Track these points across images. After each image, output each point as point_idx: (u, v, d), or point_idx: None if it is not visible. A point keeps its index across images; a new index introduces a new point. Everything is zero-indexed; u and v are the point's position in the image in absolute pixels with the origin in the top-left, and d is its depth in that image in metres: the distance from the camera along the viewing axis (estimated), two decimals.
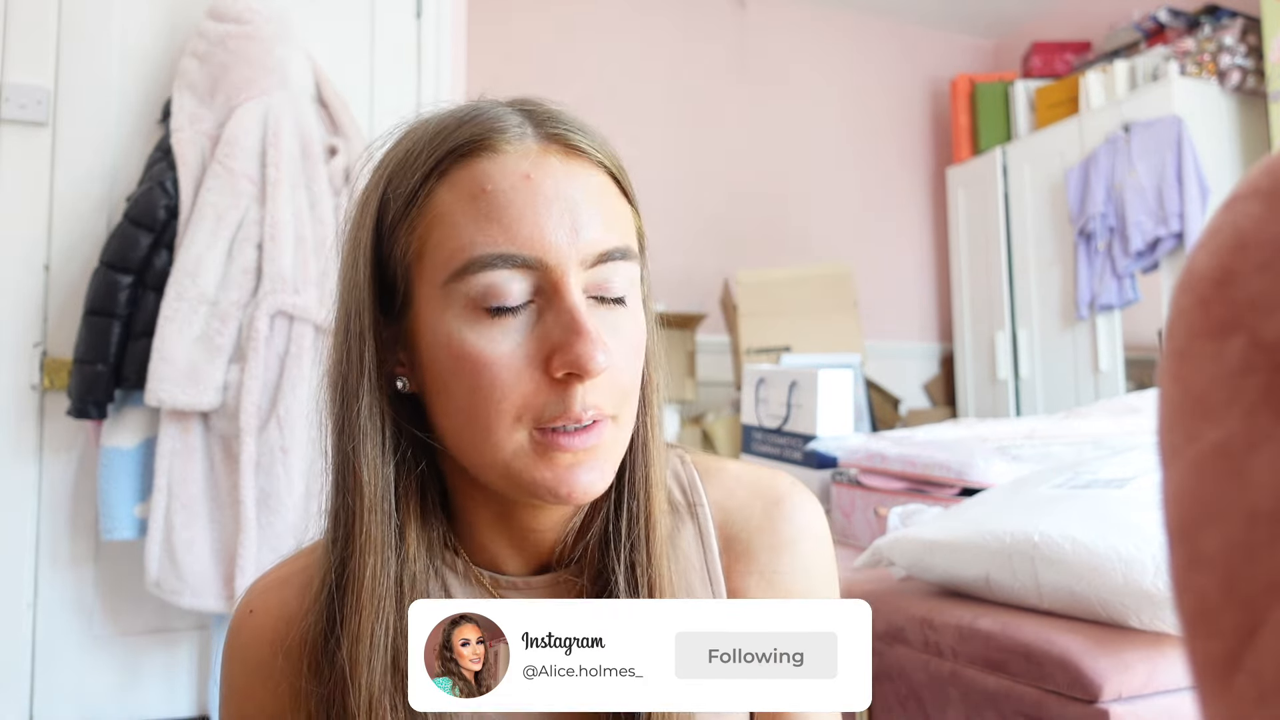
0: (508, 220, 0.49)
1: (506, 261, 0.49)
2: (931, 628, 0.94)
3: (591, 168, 0.52)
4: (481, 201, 0.50)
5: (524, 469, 0.50)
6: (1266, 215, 0.20)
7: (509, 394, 0.49)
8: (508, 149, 0.51)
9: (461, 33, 2.43)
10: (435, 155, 0.51)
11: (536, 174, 0.50)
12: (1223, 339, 0.20)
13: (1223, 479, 0.19)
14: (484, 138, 0.51)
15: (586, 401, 0.50)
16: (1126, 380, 3.21)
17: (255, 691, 0.56)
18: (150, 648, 1.96)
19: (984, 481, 1.23)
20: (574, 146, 0.52)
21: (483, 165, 0.50)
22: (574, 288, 0.50)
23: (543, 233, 0.49)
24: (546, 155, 0.51)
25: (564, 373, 0.49)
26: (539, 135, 0.52)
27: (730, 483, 0.61)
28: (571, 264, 0.49)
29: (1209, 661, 0.19)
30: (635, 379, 0.53)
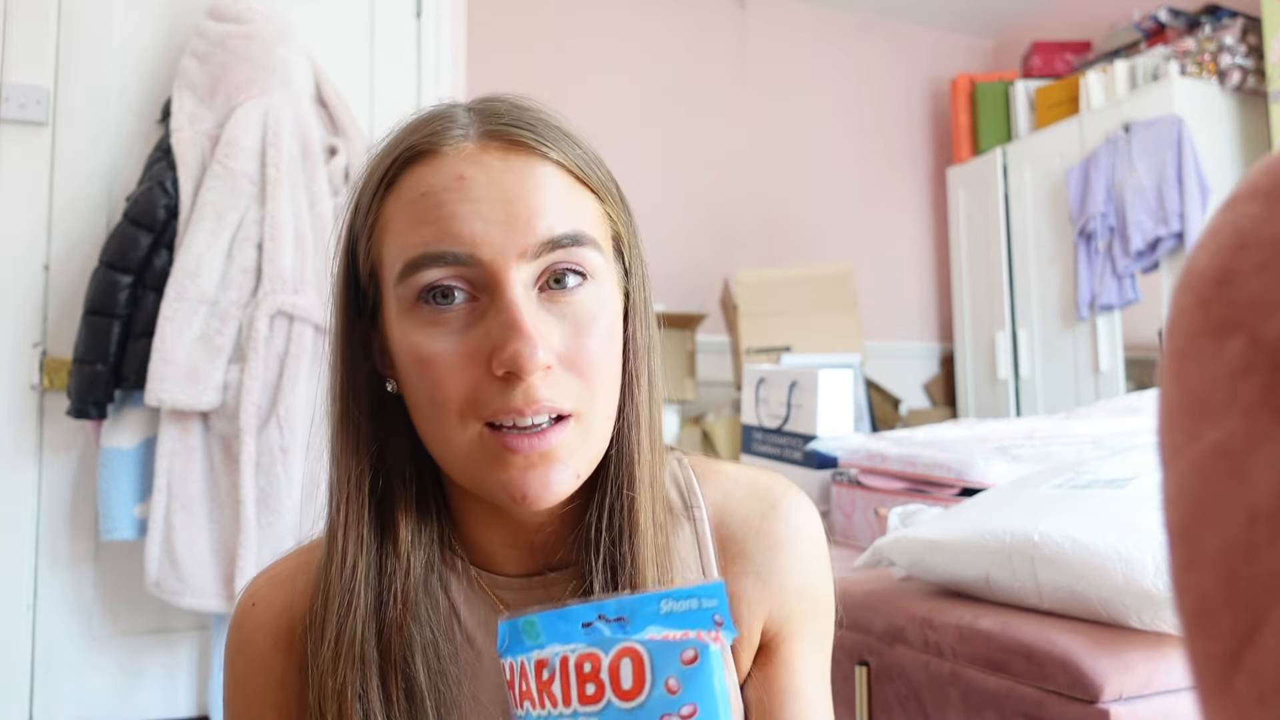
0: (440, 220, 0.49)
1: (439, 260, 0.49)
2: (931, 628, 0.94)
3: (537, 161, 0.52)
4: (419, 205, 0.50)
5: (478, 469, 0.50)
6: (1266, 215, 0.20)
7: (454, 390, 0.49)
8: (446, 151, 0.51)
9: (461, 33, 2.43)
10: (384, 166, 0.53)
11: (471, 172, 0.50)
12: (1223, 339, 0.20)
13: (1223, 479, 0.19)
14: (424, 143, 0.52)
15: (533, 396, 0.48)
16: (1126, 380, 3.21)
17: (258, 683, 0.57)
18: (150, 648, 1.96)
19: (984, 481, 1.23)
20: (516, 142, 0.51)
21: (422, 171, 0.51)
22: (513, 282, 0.49)
23: (472, 229, 0.49)
24: (484, 153, 0.51)
25: (503, 371, 0.48)
26: (480, 134, 0.52)
27: (727, 485, 0.61)
28: (509, 257, 0.49)
29: (1209, 661, 0.19)
30: (603, 369, 0.52)
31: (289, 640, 0.56)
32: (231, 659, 0.58)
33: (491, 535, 0.57)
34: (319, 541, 0.59)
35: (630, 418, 0.55)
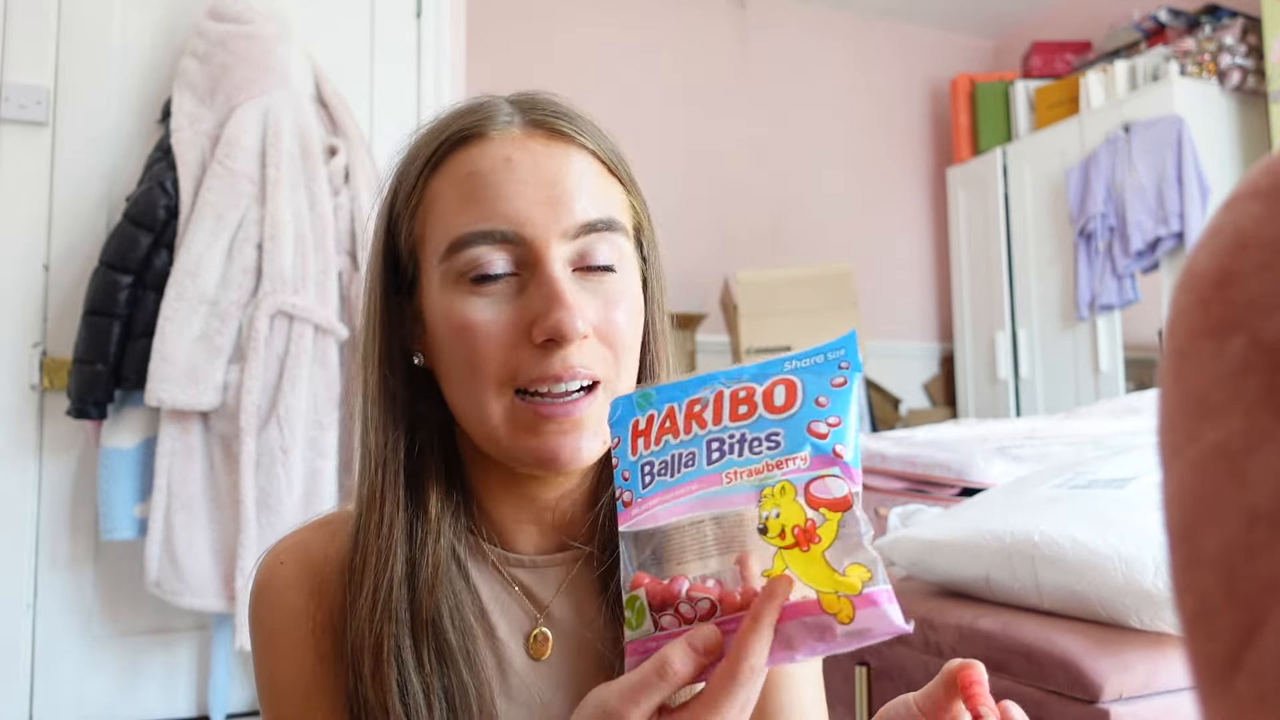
0: (488, 199, 0.53)
1: (487, 238, 0.53)
2: (931, 628, 0.94)
3: (575, 150, 0.56)
4: (467, 185, 0.54)
5: (511, 435, 0.54)
6: (1266, 215, 0.20)
7: (493, 358, 0.53)
8: (494, 135, 0.55)
9: (461, 33, 2.43)
10: (431, 147, 0.56)
11: (517, 156, 0.54)
12: (1223, 339, 0.20)
13: (1223, 479, 0.19)
14: (473, 127, 0.55)
15: (570, 362, 0.53)
16: (1126, 380, 3.21)
17: (295, 633, 0.58)
18: (150, 648, 1.96)
19: (984, 481, 1.23)
20: (558, 131, 0.56)
21: (470, 153, 0.55)
22: (555, 259, 0.53)
23: (518, 208, 0.53)
24: (530, 140, 0.55)
25: (544, 339, 0.52)
26: (524, 122, 0.56)
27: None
28: (552, 236, 0.53)
29: (1209, 662, 0.19)
30: (630, 344, 0.57)
31: (320, 595, 0.58)
32: (262, 615, 0.59)
33: (506, 510, 0.60)
34: (337, 514, 0.63)
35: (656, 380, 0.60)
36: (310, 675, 0.57)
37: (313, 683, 0.57)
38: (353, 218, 1.92)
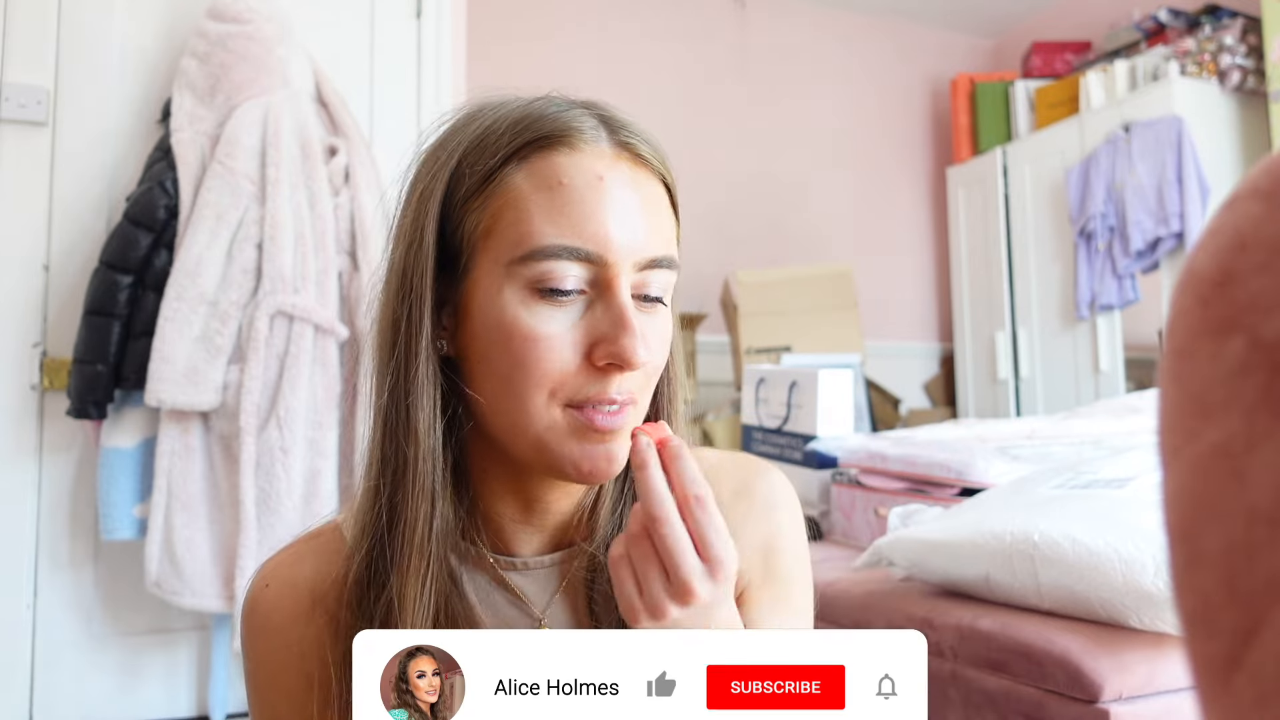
0: (579, 216, 0.53)
1: (571, 254, 0.53)
2: (931, 628, 0.94)
3: (653, 178, 0.57)
4: (557, 194, 0.53)
5: (555, 442, 0.54)
6: (1266, 215, 0.20)
7: (550, 372, 0.53)
8: (585, 148, 0.55)
9: (461, 33, 2.43)
10: (516, 141, 0.55)
11: (609, 176, 0.54)
12: (1223, 339, 0.20)
13: (1222, 479, 0.19)
14: (564, 133, 0.55)
15: (625, 388, 0.54)
16: (1127, 380, 3.21)
17: (280, 657, 0.58)
18: (150, 648, 1.96)
19: (984, 481, 1.23)
20: (641, 157, 0.56)
21: (560, 159, 0.54)
22: (625, 286, 0.54)
23: (608, 232, 0.53)
24: (619, 160, 0.55)
25: (606, 362, 0.53)
26: (612, 140, 0.56)
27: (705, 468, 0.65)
28: (626, 264, 0.54)
29: (1209, 661, 0.19)
30: (658, 373, 0.58)
31: (309, 614, 0.57)
32: (251, 641, 0.59)
33: (507, 510, 0.60)
34: (326, 527, 0.61)
35: (670, 413, 0.62)
36: (298, 701, 0.57)
37: (301, 709, 0.57)
38: (353, 218, 1.92)
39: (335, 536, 0.60)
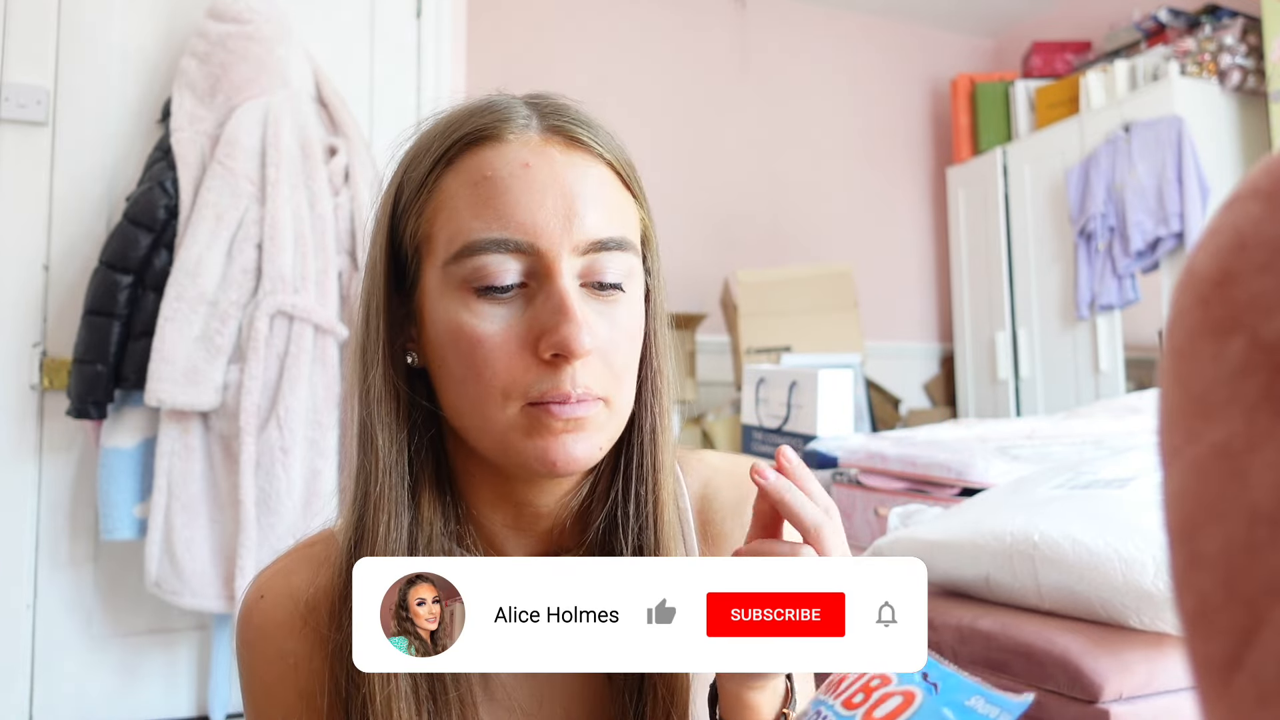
0: (503, 206, 0.52)
1: (499, 246, 0.51)
2: (931, 628, 0.94)
3: (592, 160, 0.55)
4: (482, 188, 0.52)
5: (516, 441, 0.53)
6: (1266, 215, 0.20)
7: (499, 371, 0.52)
8: (510, 138, 0.53)
9: (461, 33, 2.44)
10: (445, 144, 0.55)
11: (535, 162, 0.52)
12: (1223, 339, 0.20)
13: (1223, 479, 0.19)
14: (489, 128, 0.54)
15: (577, 380, 0.52)
16: (1127, 380, 3.21)
17: (275, 669, 0.58)
18: (150, 648, 1.96)
19: (984, 481, 1.22)
20: (576, 139, 0.54)
21: (486, 154, 0.53)
22: (564, 273, 0.52)
23: (535, 219, 0.51)
24: (547, 146, 0.53)
25: (551, 354, 0.51)
26: (542, 127, 0.54)
27: (708, 471, 0.64)
28: (563, 250, 0.52)
29: (1209, 662, 0.19)
30: (628, 365, 0.56)
31: (301, 625, 0.57)
32: (244, 652, 0.59)
33: (495, 514, 0.59)
34: (319, 536, 0.61)
35: (655, 410, 0.59)
36: (294, 713, 0.57)
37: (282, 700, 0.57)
38: (353, 218, 1.92)
39: (329, 545, 0.59)
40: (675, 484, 0.62)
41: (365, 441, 0.56)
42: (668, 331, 0.61)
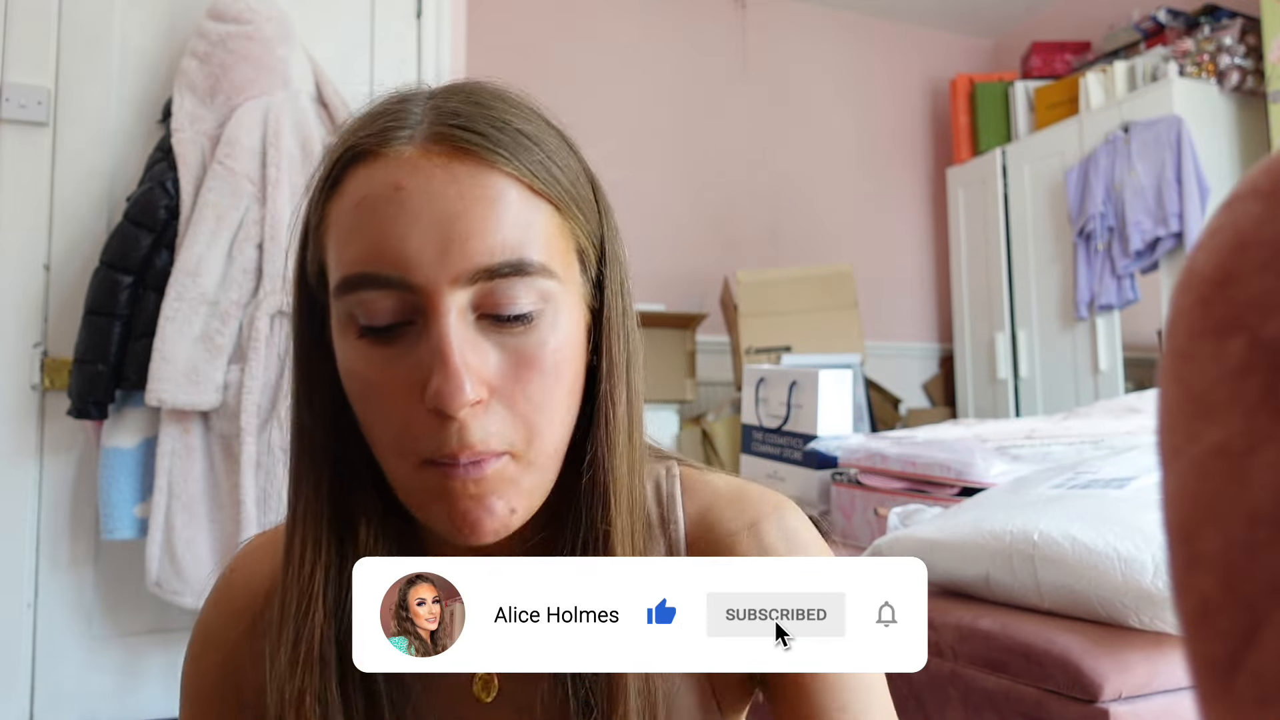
0: (375, 236, 0.45)
1: (370, 282, 0.45)
2: (931, 628, 0.94)
3: (485, 172, 0.46)
4: (355, 214, 0.46)
5: (422, 507, 0.48)
6: (1266, 215, 0.20)
7: (389, 423, 0.47)
8: (387, 153, 0.46)
9: (461, 33, 2.44)
10: (329, 163, 0.49)
11: (409, 182, 0.45)
12: (1223, 339, 0.20)
13: (1223, 479, 0.19)
14: (365, 144, 0.47)
15: (467, 438, 0.45)
16: (1126, 380, 3.21)
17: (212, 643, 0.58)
18: (150, 648, 1.96)
19: (984, 481, 1.23)
20: (463, 148, 0.46)
21: (363, 173, 0.47)
22: (446, 311, 0.45)
23: (405, 250, 0.44)
24: (427, 159, 0.46)
25: (431, 406, 0.45)
26: (426, 136, 0.47)
27: (709, 497, 0.57)
28: (441, 283, 0.45)
29: (1209, 662, 0.19)
30: (545, 405, 0.48)
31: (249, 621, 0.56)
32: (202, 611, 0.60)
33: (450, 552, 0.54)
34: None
35: (605, 444, 0.51)
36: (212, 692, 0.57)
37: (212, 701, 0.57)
38: None
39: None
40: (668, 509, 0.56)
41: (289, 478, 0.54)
42: (635, 343, 0.53)
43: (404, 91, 0.52)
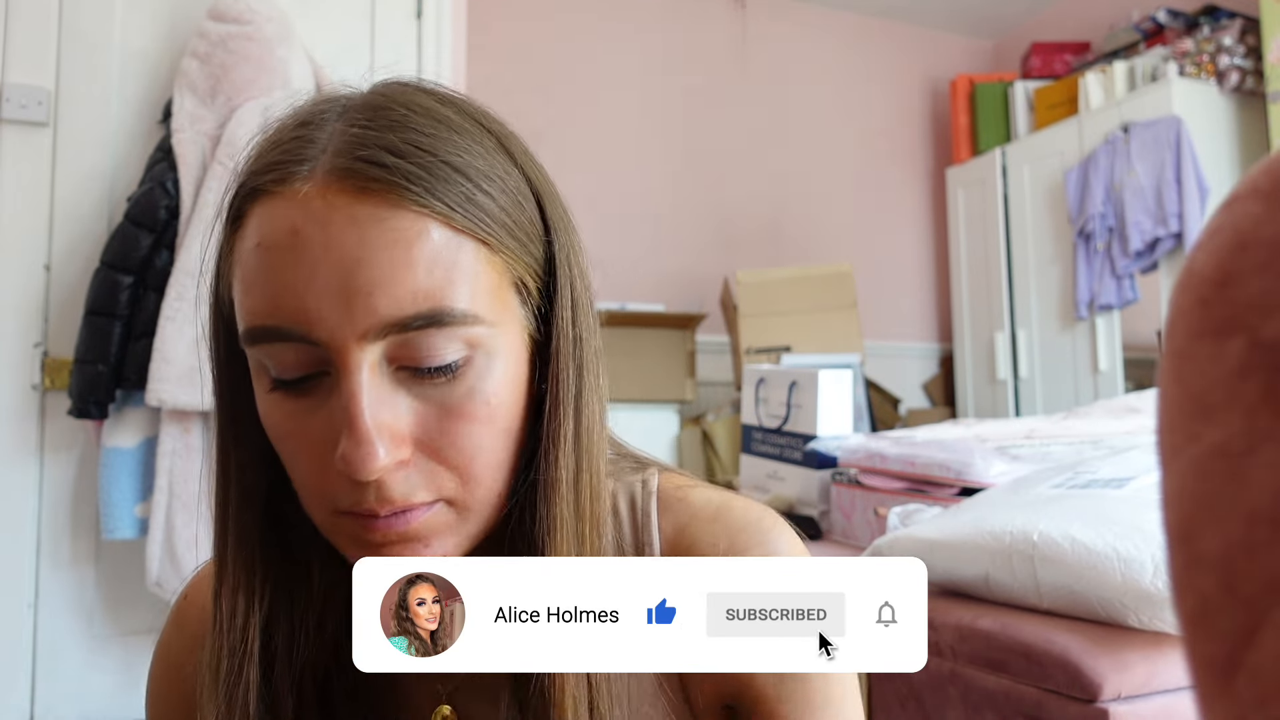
0: (274, 287, 0.41)
1: (274, 335, 0.41)
2: (931, 628, 0.94)
3: (393, 212, 0.40)
4: (254, 259, 0.42)
5: (344, 548, 0.45)
6: (1266, 215, 0.20)
7: (305, 478, 0.44)
8: (283, 191, 0.41)
9: (461, 33, 2.44)
10: (230, 198, 0.45)
11: (306, 227, 0.40)
12: (1223, 339, 0.20)
13: (1223, 479, 0.19)
14: (262, 179, 0.42)
15: (386, 496, 0.42)
16: (1126, 380, 3.21)
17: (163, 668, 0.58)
18: (150, 648, 1.96)
19: (984, 481, 1.23)
20: (369, 187, 0.40)
21: (261, 212, 0.42)
22: (355, 368, 0.40)
23: (305, 305, 0.40)
24: (326, 197, 0.40)
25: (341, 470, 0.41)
26: (329, 170, 0.41)
27: (687, 518, 0.53)
28: (348, 340, 0.40)
29: (1209, 662, 0.19)
30: (480, 450, 0.44)
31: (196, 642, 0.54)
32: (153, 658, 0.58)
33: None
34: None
35: (543, 488, 0.46)
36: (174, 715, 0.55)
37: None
38: None
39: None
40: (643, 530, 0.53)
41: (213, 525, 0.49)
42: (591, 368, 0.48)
43: (315, 106, 0.45)
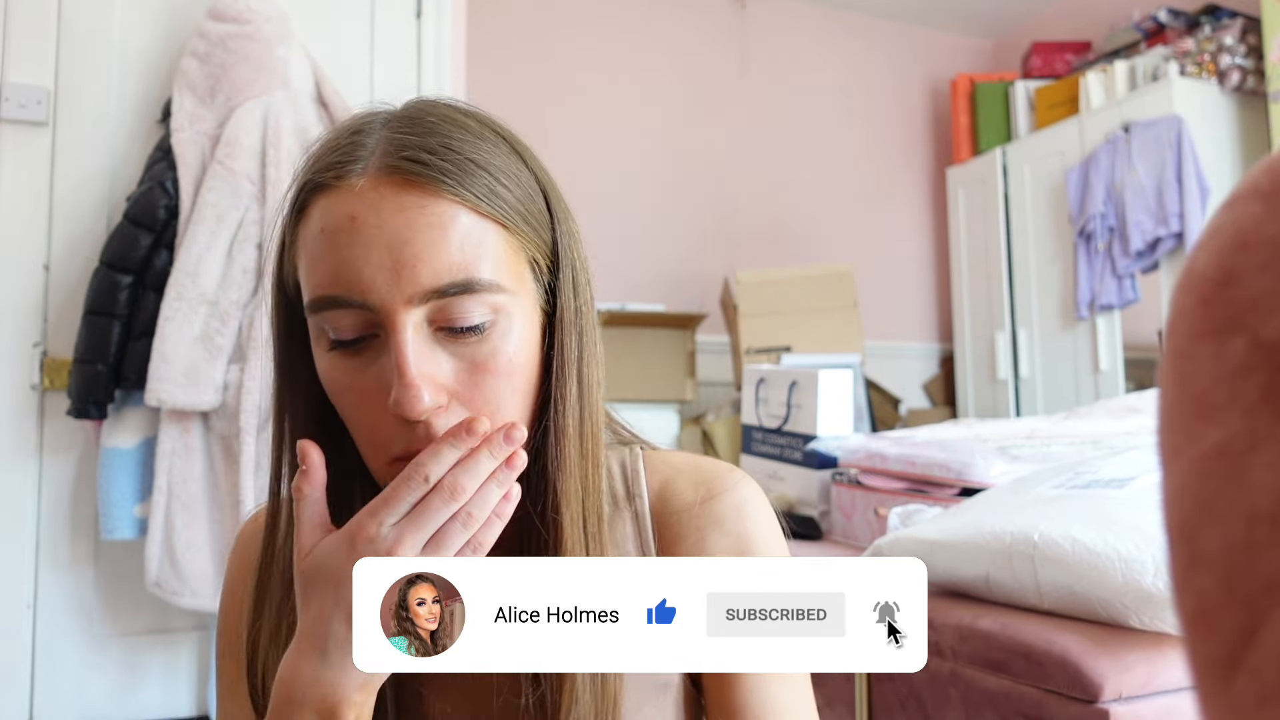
0: (335, 264, 0.50)
1: (334, 303, 0.51)
2: (931, 628, 0.94)
3: (431, 200, 0.51)
4: (319, 242, 0.51)
5: None
6: (1267, 215, 0.20)
7: (363, 427, 0.52)
8: (342, 185, 0.51)
9: (461, 33, 2.43)
10: (294, 191, 0.54)
11: (362, 213, 0.50)
12: (1223, 339, 0.20)
13: (1223, 479, 0.19)
14: (322, 177, 0.52)
15: (432, 434, 0.50)
16: (1126, 380, 3.21)
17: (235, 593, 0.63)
18: (150, 648, 1.96)
19: (984, 481, 1.22)
20: (411, 179, 0.51)
21: (321, 203, 0.52)
22: (404, 325, 0.50)
23: (361, 276, 0.50)
24: (378, 190, 0.51)
25: (394, 413, 0.50)
26: (378, 168, 0.51)
27: (669, 472, 0.62)
28: (397, 304, 0.50)
29: (1209, 662, 0.19)
30: (504, 403, 0.53)
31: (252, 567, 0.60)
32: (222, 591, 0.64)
33: None
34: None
35: (554, 433, 0.55)
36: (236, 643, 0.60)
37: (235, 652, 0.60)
38: None
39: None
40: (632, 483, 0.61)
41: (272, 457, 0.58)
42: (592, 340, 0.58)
43: (362, 119, 0.55)
